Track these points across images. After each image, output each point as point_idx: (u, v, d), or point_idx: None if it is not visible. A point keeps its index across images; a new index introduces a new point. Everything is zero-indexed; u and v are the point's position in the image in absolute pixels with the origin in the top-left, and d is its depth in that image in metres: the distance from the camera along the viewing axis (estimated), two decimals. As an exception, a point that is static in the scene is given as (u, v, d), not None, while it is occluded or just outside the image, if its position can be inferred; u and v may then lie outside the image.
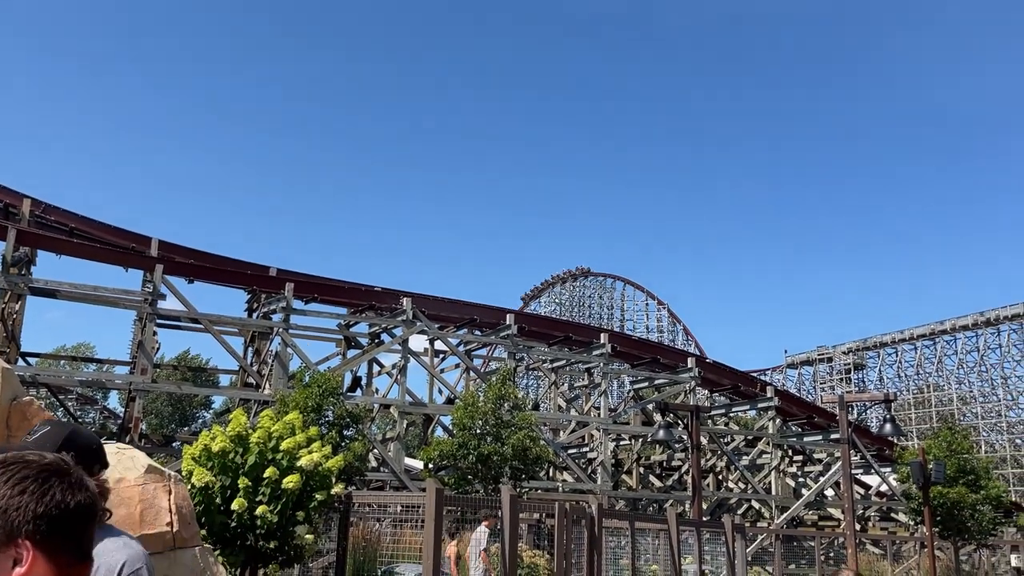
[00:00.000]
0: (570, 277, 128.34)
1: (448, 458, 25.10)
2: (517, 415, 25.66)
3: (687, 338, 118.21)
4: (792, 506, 43.85)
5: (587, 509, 18.46)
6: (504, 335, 38.86)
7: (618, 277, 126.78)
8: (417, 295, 37.63)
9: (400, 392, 35.62)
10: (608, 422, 40.87)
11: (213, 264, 38.22)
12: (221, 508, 11.10)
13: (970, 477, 32.68)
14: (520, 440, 24.27)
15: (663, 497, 44.49)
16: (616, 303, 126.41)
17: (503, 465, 24.24)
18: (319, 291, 37.71)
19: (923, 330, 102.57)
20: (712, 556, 23.82)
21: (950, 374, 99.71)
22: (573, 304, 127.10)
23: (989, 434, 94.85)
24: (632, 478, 47.62)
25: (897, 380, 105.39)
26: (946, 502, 31.27)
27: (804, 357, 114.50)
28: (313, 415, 22.43)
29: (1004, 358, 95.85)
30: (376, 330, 38.21)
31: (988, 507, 33.24)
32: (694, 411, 28.47)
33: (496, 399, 25.35)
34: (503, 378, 26.86)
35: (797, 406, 51.68)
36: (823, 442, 47.35)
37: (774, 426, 46.28)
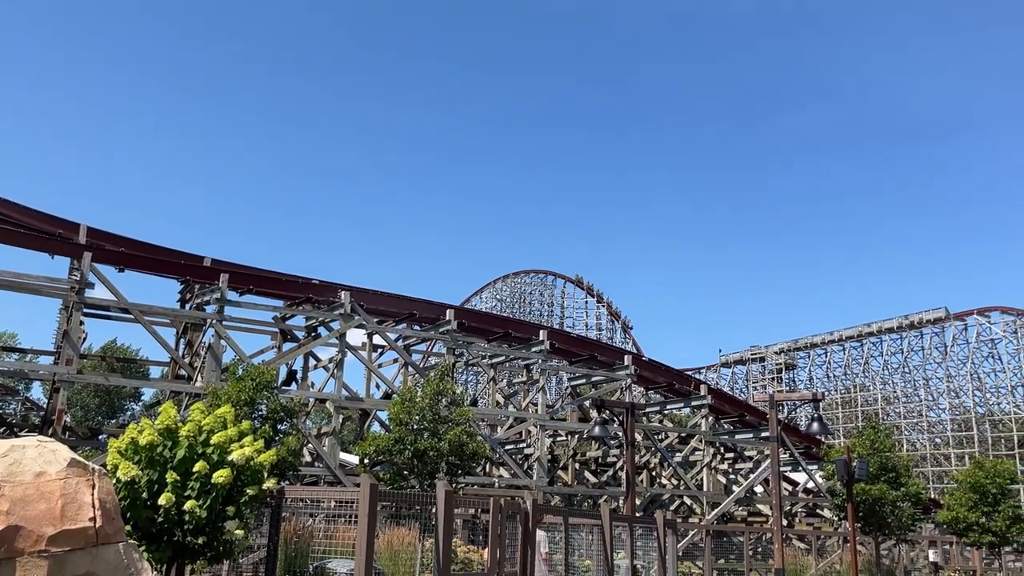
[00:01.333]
0: (511, 273, 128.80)
1: (384, 453, 24.93)
2: (455, 411, 25.62)
3: (625, 336, 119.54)
4: (723, 502, 44.80)
5: (522, 505, 18.56)
6: (444, 330, 38.78)
7: (558, 274, 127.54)
8: (356, 289, 37.27)
9: (336, 386, 35.26)
10: (545, 418, 41.14)
11: (145, 253, 37.21)
12: (147, 503, 10.84)
13: (891, 475, 33.81)
14: (457, 436, 24.24)
15: (598, 493, 45.00)
16: (556, 300, 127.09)
17: (439, 461, 24.18)
18: (255, 283, 37.05)
19: (851, 332, 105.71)
20: (644, 551, 24.17)
21: (876, 375, 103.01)
22: (514, 300, 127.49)
23: (911, 433, 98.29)
24: (568, 474, 48.03)
25: (826, 380, 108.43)
26: (868, 499, 32.30)
27: (738, 356, 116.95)
28: (246, 409, 22.04)
29: (926, 360, 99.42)
30: (313, 323, 37.73)
31: (908, 504, 34.46)
32: (629, 408, 28.87)
33: (434, 395, 25.27)
34: (441, 373, 26.79)
35: (729, 404, 52.81)
36: (754, 440, 48.48)
37: (707, 424, 47.21)
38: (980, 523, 35.25)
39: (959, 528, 36.27)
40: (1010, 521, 35.36)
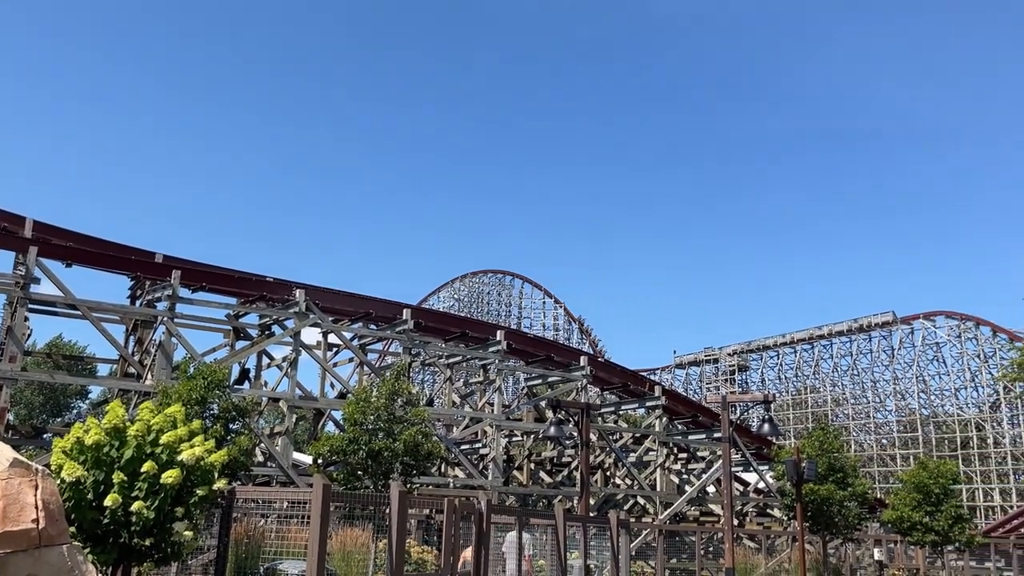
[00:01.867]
0: (470, 273, 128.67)
1: (338, 453, 24.70)
2: (410, 411, 25.49)
3: (582, 337, 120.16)
4: (675, 502, 45.28)
5: (476, 505, 18.55)
6: (400, 330, 38.57)
7: (516, 275, 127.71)
8: (311, 287, 36.89)
9: (290, 385, 34.84)
10: (501, 419, 41.17)
11: (94, 248, 36.36)
12: (93, 504, 10.61)
13: (839, 475, 34.51)
14: (412, 436, 24.11)
15: (552, 493, 45.17)
16: (514, 300, 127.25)
17: (394, 461, 24.02)
18: (208, 279, 36.44)
19: (803, 335, 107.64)
20: (598, 551, 24.31)
21: (826, 377, 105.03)
22: (472, 300, 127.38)
23: (859, 434, 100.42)
24: (523, 474, 48.14)
25: (778, 382, 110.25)
26: (817, 499, 32.93)
27: (692, 358, 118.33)
28: (197, 408, 21.66)
29: (874, 363, 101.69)
30: (267, 321, 37.24)
31: (854, 504, 35.21)
32: (585, 409, 29.03)
33: (389, 394, 25.10)
34: (397, 373, 26.64)
35: (683, 405, 53.41)
36: (707, 440, 49.08)
37: (661, 424, 47.67)
38: (923, 522, 36.12)
39: (903, 527, 37.12)
40: (952, 520, 36.29)
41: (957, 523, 36.61)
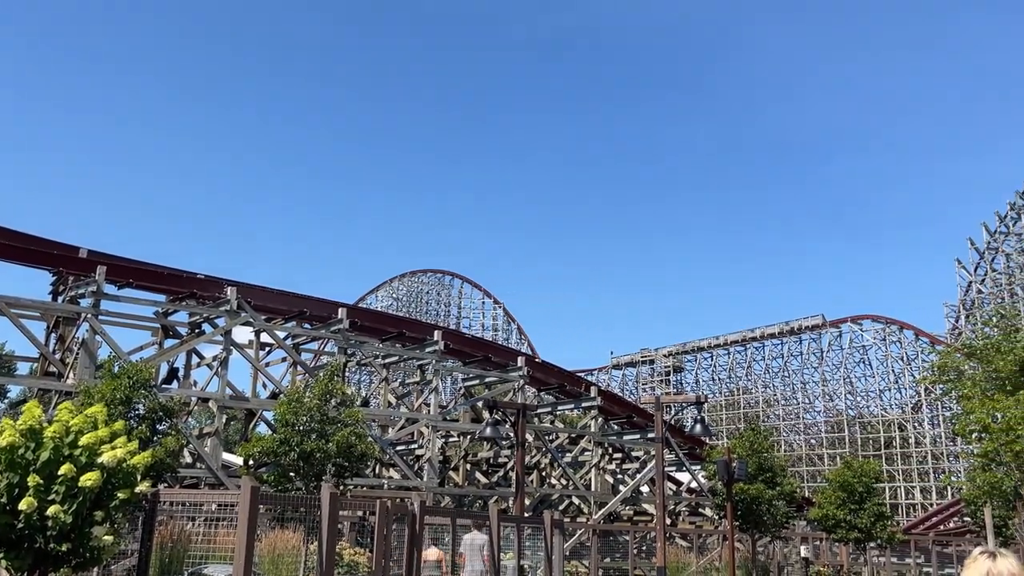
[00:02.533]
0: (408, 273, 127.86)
1: (269, 455, 24.26)
2: (344, 411, 25.19)
3: (520, 337, 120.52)
4: (610, 502, 45.71)
5: (409, 506, 18.41)
6: (335, 329, 38.08)
7: (456, 274, 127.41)
8: (243, 284, 36.15)
9: (220, 385, 34.07)
10: (438, 419, 40.97)
11: (14, 242, 34.98)
12: (7, 508, 10.18)
13: (768, 475, 35.29)
14: (345, 437, 23.83)
15: (488, 494, 45.14)
16: (453, 300, 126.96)
17: (326, 462, 23.72)
18: (135, 276, 35.36)
19: (736, 336, 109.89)
20: (533, 551, 24.37)
21: (758, 378, 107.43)
22: (410, 300, 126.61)
23: (788, 434, 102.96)
24: (459, 475, 48.00)
25: (712, 383, 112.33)
26: (747, 498, 33.61)
27: (628, 359, 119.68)
28: (121, 408, 21.04)
29: (804, 365, 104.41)
30: (197, 320, 36.35)
31: (782, 502, 36.06)
32: (521, 409, 29.07)
33: (323, 395, 24.77)
34: (331, 373, 26.29)
35: (618, 406, 53.95)
36: (641, 441, 49.66)
37: (596, 425, 48.06)
38: (848, 520, 37.14)
39: (828, 525, 38.13)
40: (875, 518, 37.42)
41: (879, 521, 37.76)
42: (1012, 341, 27.79)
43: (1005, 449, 23.97)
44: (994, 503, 28.11)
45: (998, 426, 24.52)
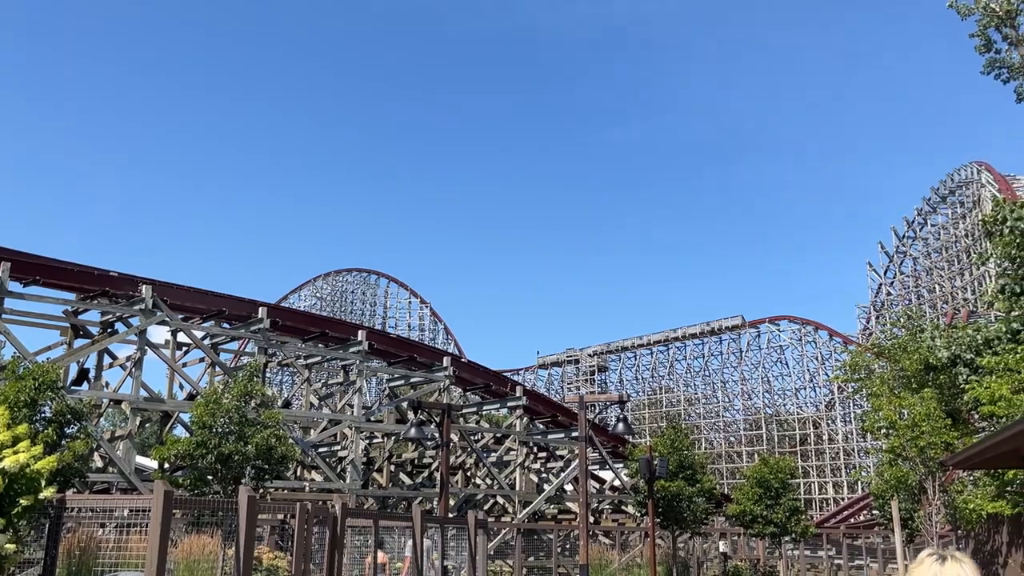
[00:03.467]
0: (333, 272, 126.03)
1: (185, 458, 23.53)
2: (264, 413, 24.62)
3: (447, 337, 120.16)
4: (534, 501, 45.94)
5: (331, 509, 18.11)
6: (255, 329, 37.22)
7: (382, 274, 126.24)
8: (159, 283, 34.97)
9: (134, 386, 32.89)
10: (361, 420, 40.47)
11: (-90, 236, 33.09)
12: None
13: (688, 472, 35.98)
14: (265, 439, 23.29)
15: (412, 495, 44.83)
16: (379, 300, 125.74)
17: (245, 465, 23.14)
18: (43, 273, 33.72)
19: (659, 336, 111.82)
20: (457, 551, 24.32)
21: (679, 377, 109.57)
22: (335, 299, 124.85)
23: (709, 432, 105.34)
24: (383, 476, 47.52)
25: (635, 382, 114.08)
26: (667, 495, 34.20)
27: (554, 359, 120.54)
28: (26, 411, 20.05)
29: (724, 364, 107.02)
30: (110, 319, 35.01)
31: (702, 499, 36.80)
32: (446, 409, 28.97)
33: (241, 396, 24.15)
34: (251, 374, 25.65)
35: (543, 405, 54.28)
36: (565, 440, 50.06)
37: (521, 424, 48.25)
38: (764, 515, 38.14)
39: (746, 520, 39.09)
40: (789, 513, 38.53)
41: (794, 515, 38.89)
42: (917, 341, 28.99)
43: (910, 445, 24.97)
44: (900, 497, 29.27)
45: (904, 423, 25.54)
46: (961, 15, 40.44)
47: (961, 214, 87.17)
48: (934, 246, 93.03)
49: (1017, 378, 20.43)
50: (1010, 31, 39.20)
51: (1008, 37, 39.65)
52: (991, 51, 40.83)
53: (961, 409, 26.55)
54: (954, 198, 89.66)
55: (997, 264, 26.11)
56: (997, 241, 24.29)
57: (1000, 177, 78.01)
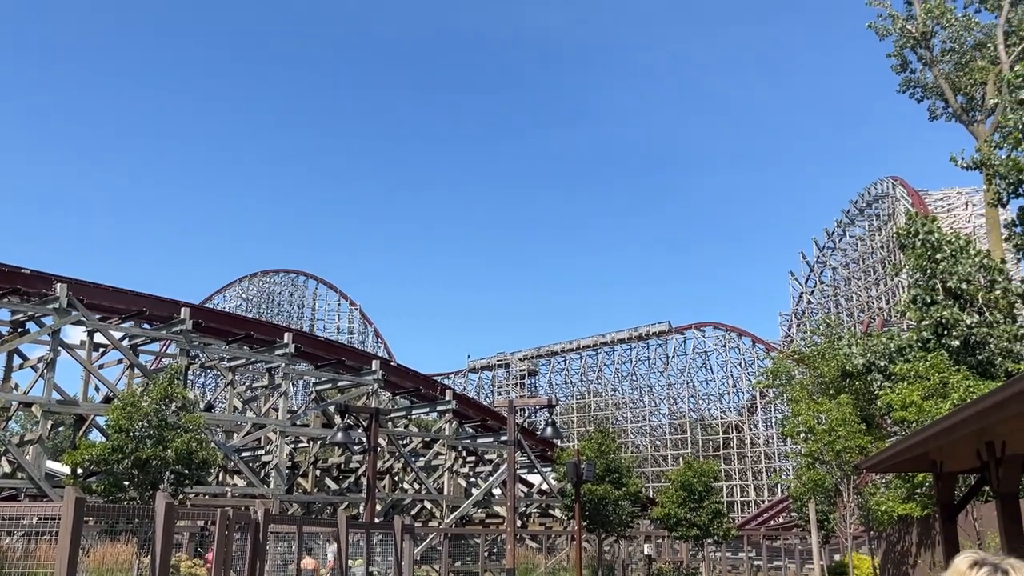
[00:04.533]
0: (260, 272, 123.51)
1: (100, 463, 22.66)
2: (185, 416, 23.91)
3: (377, 340, 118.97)
4: (462, 505, 45.78)
5: (252, 515, 17.71)
6: (177, 330, 36.17)
7: (310, 275, 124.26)
8: (75, 281, 33.67)
9: (46, 388, 31.55)
10: (286, 424, 39.71)
11: None
12: None
13: (615, 475, 36.36)
14: (185, 443, 22.61)
15: (338, 500, 44.17)
16: (307, 302, 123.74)
17: (164, 470, 22.43)
18: (-53, 269, 32.23)
19: (588, 341, 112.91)
20: (383, 557, 24.10)
21: (608, 382, 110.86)
22: (262, 300, 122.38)
23: (635, 436, 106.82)
24: (308, 481, 46.70)
25: (564, 386, 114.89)
26: (594, 498, 34.50)
27: (485, 362, 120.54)
28: (-74, 414, 19.09)
29: (651, 369, 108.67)
30: (21, 318, 33.54)
31: (628, 502, 37.24)
32: (374, 413, 28.63)
33: (161, 399, 23.40)
34: (171, 376, 24.89)
35: (473, 409, 54.15)
36: (494, 444, 50.06)
37: (451, 428, 48.05)
38: (688, 518, 38.80)
39: (670, 523, 39.69)
40: (712, 515, 39.28)
41: (716, 518, 39.66)
42: (835, 349, 29.91)
43: (827, 449, 25.76)
44: (817, 499, 30.18)
45: (822, 427, 26.33)
46: (879, 35, 42.20)
47: (877, 227, 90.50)
48: (852, 257, 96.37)
49: (927, 385, 21.26)
50: (925, 52, 41.04)
51: (923, 58, 41.51)
52: (907, 71, 42.72)
53: (875, 414, 27.50)
54: (871, 211, 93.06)
55: (909, 275, 27.17)
56: (910, 253, 25.28)
57: (913, 192, 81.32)
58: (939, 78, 40.57)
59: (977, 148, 26.09)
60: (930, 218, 26.14)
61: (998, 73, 35.11)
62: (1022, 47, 33.53)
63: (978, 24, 40.18)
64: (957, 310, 22.98)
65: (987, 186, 24.51)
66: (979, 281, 23.47)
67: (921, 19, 40.12)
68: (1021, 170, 20.48)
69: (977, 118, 39.92)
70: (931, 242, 24.37)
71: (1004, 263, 25.56)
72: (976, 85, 39.93)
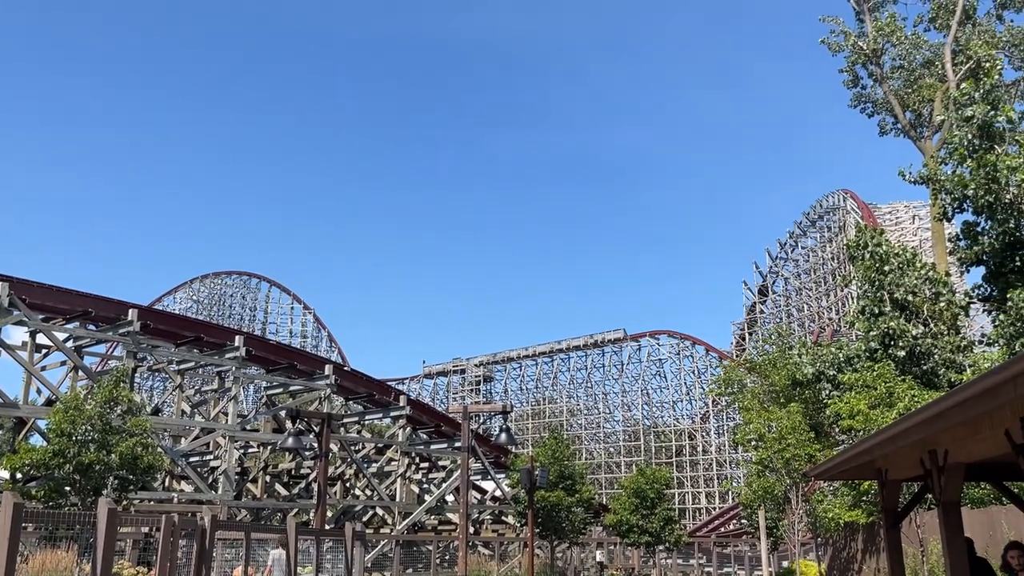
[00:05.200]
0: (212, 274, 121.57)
1: (40, 467, 22.02)
2: (130, 420, 23.36)
3: (331, 344, 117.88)
4: (414, 512, 45.45)
5: (199, 521, 17.35)
6: (124, 332, 35.34)
7: (263, 277, 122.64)
8: (17, 280, 32.71)
9: (-15, 391, 30.61)
10: (236, 429, 39.06)
11: None
12: None
13: (568, 482, 36.47)
14: (130, 448, 22.09)
15: (288, 506, 43.56)
16: (260, 304, 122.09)
17: (107, 475, 21.88)
18: None
19: (544, 348, 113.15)
20: (333, 564, 23.81)
21: (563, 389, 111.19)
22: (213, 303, 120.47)
23: (590, 443, 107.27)
24: (258, 487, 45.95)
25: (520, 393, 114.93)
26: (547, 504, 34.54)
27: (440, 368, 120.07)
28: None
29: (606, 376, 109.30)
30: (-42, 318, 32.49)
31: (581, 509, 37.36)
32: (326, 418, 28.27)
33: (105, 402, 22.84)
34: (116, 379, 24.30)
35: (427, 415, 53.87)
36: (448, 450, 49.84)
37: (404, 434, 47.72)
38: (640, 525, 39.08)
39: (622, 530, 39.94)
40: (664, 522, 39.63)
41: (668, 524, 40.02)
42: (786, 358, 30.40)
43: (777, 457, 26.11)
44: (767, 506, 30.57)
45: (772, 435, 26.70)
46: (832, 51, 43.15)
47: (828, 238, 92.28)
48: (804, 267, 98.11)
49: (873, 394, 21.67)
50: (875, 69, 42.04)
51: (873, 74, 42.53)
52: (858, 86, 43.73)
53: (824, 423, 27.96)
54: (823, 223, 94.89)
55: (859, 287, 27.72)
56: (859, 265, 25.80)
57: (863, 205, 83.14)
58: (889, 94, 41.58)
59: (924, 163, 26.79)
60: (879, 231, 26.71)
61: (945, 91, 36.09)
62: (968, 66, 34.48)
63: (927, 43, 41.33)
64: (903, 321, 23.49)
65: (933, 201, 25.13)
66: (925, 293, 24.03)
67: (872, 36, 41.09)
68: (966, 186, 21.01)
69: (925, 134, 41.01)
70: (879, 255, 24.90)
71: (948, 276, 26.22)
72: (924, 102, 41.03)
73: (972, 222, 21.85)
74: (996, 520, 16.89)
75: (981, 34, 39.02)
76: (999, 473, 9.69)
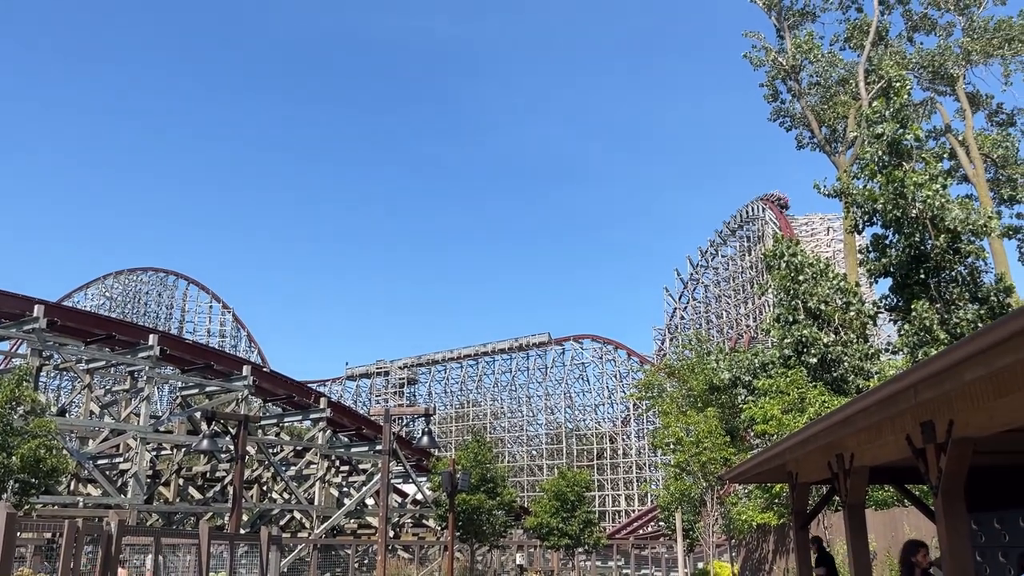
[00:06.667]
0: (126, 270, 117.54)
1: (-69, 471, 20.87)
2: (33, 421, 22.34)
3: (251, 345, 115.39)
4: (333, 515, 44.78)
5: (105, 527, 16.69)
6: (29, 329, 33.79)
7: (181, 275, 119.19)
8: (-87, 273, 31.01)
9: None
10: (148, 430, 37.74)
11: None
12: None
13: (490, 485, 36.47)
14: (33, 450, 21.11)
15: (202, 510, 42.36)
16: (177, 303, 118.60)
17: (7, 478, 20.86)
18: None
19: (469, 351, 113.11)
20: (248, 569, 23.29)
21: (487, 391, 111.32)
22: (127, 300, 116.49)
23: (513, 446, 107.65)
24: (171, 490, 44.52)
25: (444, 395, 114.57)
26: (468, 508, 34.47)
27: (364, 370, 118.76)
28: None
29: (530, 380, 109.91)
30: None
31: (502, 512, 37.41)
32: (243, 420, 27.60)
33: (7, 402, 21.78)
34: (19, 378, 23.20)
35: (348, 417, 53.14)
36: (369, 453, 49.25)
37: (324, 437, 46.97)
38: (560, 527, 39.36)
39: (543, 532, 40.16)
40: (583, 525, 40.00)
41: (587, 527, 40.41)
42: (704, 363, 31.08)
43: (694, 460, 26.67)
44: (684, 508, 31.18)
45: (689, 439, 27.26)
46: (754, 65, 44.44)
47: (747, 247, 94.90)
48: (723, 275, 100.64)
49: (786, 399, 22.34)
50: (794, 84, 43.46)
51: (792, 90, 43.96)
52: (777, 100, 45.12)
53: (739, 427, 28.69)
54: (742, 232, 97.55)
55: (775, 295, 28.56)
56: (775, 274, 26.59)
57: (781, 215, 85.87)
58: (806, 110, 43.03)
59: (838, 177, 27.82)
60: (795, 242, 27.57)
61: (858, 108, 37.55)
62: (880, 85, 35.94)
63: (842, 61, 42.94)
64: (816, 329, 24.30)
65: (845, 214, 26.10)
66: (836, 303, 24.91)
67: (791, 53, 42.48)
68: (875, 200, 21.88)
69: (839, 149, 42.56)
70: (795, 264, 25.71)
71: (858, 286, 27.25)
72: (839, 118, 42.60)
73: (881, 235, 22.77)
74: (898, 521, 17.61)
75: (893, 55, 40.77)
76: (901, 476, 10.11)
